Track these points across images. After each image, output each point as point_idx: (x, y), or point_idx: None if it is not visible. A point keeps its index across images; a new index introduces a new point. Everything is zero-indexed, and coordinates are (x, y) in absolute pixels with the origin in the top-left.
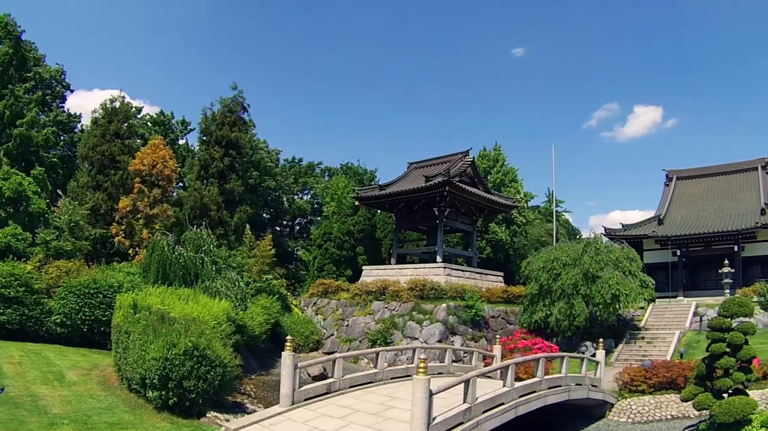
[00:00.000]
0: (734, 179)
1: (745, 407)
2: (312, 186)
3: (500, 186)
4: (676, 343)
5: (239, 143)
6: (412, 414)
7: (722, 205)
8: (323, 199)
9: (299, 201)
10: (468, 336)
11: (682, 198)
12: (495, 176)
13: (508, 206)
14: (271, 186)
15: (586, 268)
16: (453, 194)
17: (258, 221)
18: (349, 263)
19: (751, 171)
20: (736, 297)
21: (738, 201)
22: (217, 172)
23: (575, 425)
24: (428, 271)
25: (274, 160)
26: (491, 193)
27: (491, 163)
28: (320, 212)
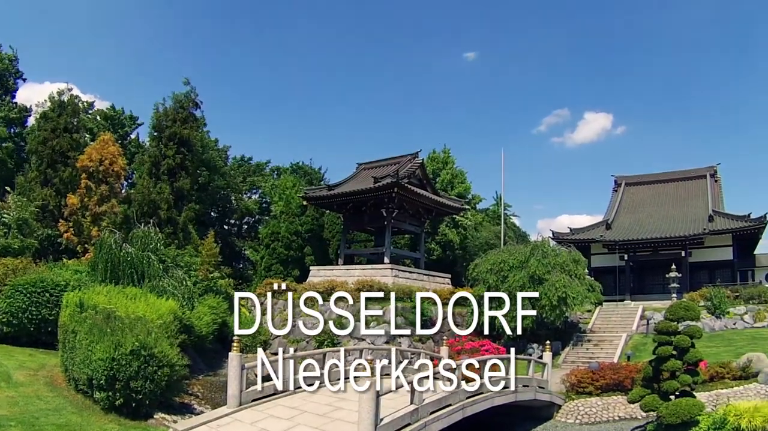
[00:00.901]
0: (683, 186)
1: (692, 408)
2: (260, 185)
3: (449, 188)
4: (623, 346)
5: (190, 141)
6: (360, 415)
7: (670, 211)
8: (271, 198)
9: (247, 200)
10: (415, 337)
11: (631, 204)
12: (444, 178)
13: (456, 209)
14: (220, 185)
15: (533, 271)
16: (401, 195)
17: (206, 220)
18: (297, 263)
19: (700, 179)
20: (682, 301)
21: (686, 208)
22: (167, 169)
23: (523, 426)
24: (376, 272)
25: (224, 158)
26: (440, 195)
27: (440, 165)
28: (268, 212)
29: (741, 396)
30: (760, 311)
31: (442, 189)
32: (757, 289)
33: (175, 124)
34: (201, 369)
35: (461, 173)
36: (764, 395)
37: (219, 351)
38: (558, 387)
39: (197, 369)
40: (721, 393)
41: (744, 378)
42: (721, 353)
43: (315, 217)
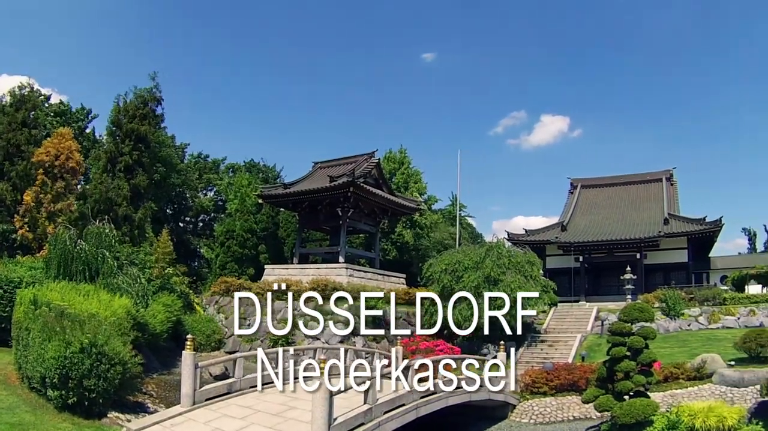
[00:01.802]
0: (639, 190)
1: (647, 408)
2: (216, 183)
3: (404, 189)
4: (577, 346)
5: (148, 138)
6: (313, 414)
7: (626, 214)
8: (227, 196)
9: (203, 198)
10: (369, 337)
11: (586, 206)
12: (399, 178)
13: (411, 209)
14: (176, 182)
15: (488, 272)
16: (357, 194)
17: (162, 218)
18: (252, 261)
19: (656, 182)
20: (636, 303)
21: (642, 211)
22: (124, 166)
23: (478, 426)
24: (330, 271)
25: (181, 155)
26: (395, 195)
27: (396, 165)
28: (224, 210)
29: (695, 397)
30: (714, 312)
31: (397, 189)
32: (712, 291)
33: (135, 120)
34: (155, 367)
35: (417, 174)
36: (718, 395)
37: (173, 349)
38: (512, 387)
39: (151, 368)
40: (676, 393)
41: (698, 378)
42: (676, 354)
43: (270, 215)
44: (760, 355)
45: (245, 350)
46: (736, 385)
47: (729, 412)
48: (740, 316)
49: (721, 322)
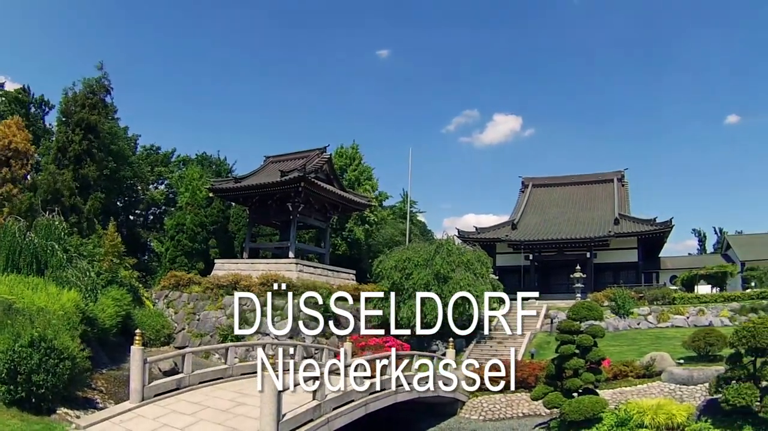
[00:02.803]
0: (590, 190)
1: (595, 406)
2: (168, 176)
3: (356, 185)
4: (527, 344)
5: (98, 127)
6: (261, 410)
7: (577, 213)
8: (178, 189)
9: (154, 191)
10: (319, 332)
11: (537, 205)
12: (351, 174)
13: (362, 205)
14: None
15: (438, 269)
16: (308, 190)
17: (111, 210)
18: (202, 256)
19: (607, 183)
20: (585, 301)
21: (592, 211)
22: (74, 156)
23: (428, 422)
24: (280, 266)
25: (132, 147)
26: (346, 191)
27: (348, 161)
28: (175, 203)
29: (645, 394)
30: (663, 312)
31: (349, 185)
32: (661, 291)
33: (84, 109)
34: (104, 362)
35: (368, 169)
36: (668, 393)
37: (123, 344)
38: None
39: (101, 363)
40: (625, 390)
41: (648, 376)
42: (625, 352)
43: (221, 209)
44: (709, 354)
45: (194, 345)
46: (685, 383)
47: (678, 409)
48: (689, 315)
49: (671, 321)
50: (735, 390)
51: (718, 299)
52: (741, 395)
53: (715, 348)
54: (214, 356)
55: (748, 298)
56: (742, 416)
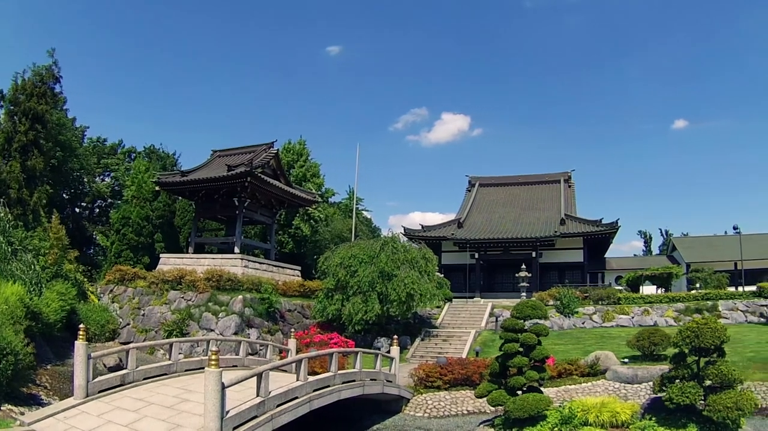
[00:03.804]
0: (537, 190)
1: (539, 403)
2: (114, 168)
3: (302, 181)
4: (471, 341)
5: (45, 117)
6: (205, 407)
7: (523, 213)
8: (124, 182)
9: (100, 183)
10: (264, 329)
11: (484, 204)
12: (298, 170)
13: (308, 201)
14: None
15: (383, 266)
16: (254, 185)
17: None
18: (147, 250)
19: (554, 183)
20: (529, 300)
21: (539, 211)
22: (20, 146)
23: (372, 419)
24: (225, 261)
25: (80, 138)
26: (293, 187)
27: (295, 156)
28: (121, 196)
29: (589, 392)
30: (608, 311)
31: (296, 181)
32: (606, 291)
33: (32, 98)
34: (49, 358)
35: (315, 166)
36: (612, 391)
37: (68, 339)
38: (406, 381)
39: (45, 358)
40: (570, 389)
41: (592, 374)
42: (570, 350)
43: (167, 203)
44: (653, 353)
45: (139, 340)
46: (630, 382)
47: (622, 408)
48: (634, 315)
49: (615, 321)
50: (679, 389)
51: (663, 299)
52: (685, 394)
53: (660, 348)
54: (159, 352)
55: (692, 299)
56: (687, 414)
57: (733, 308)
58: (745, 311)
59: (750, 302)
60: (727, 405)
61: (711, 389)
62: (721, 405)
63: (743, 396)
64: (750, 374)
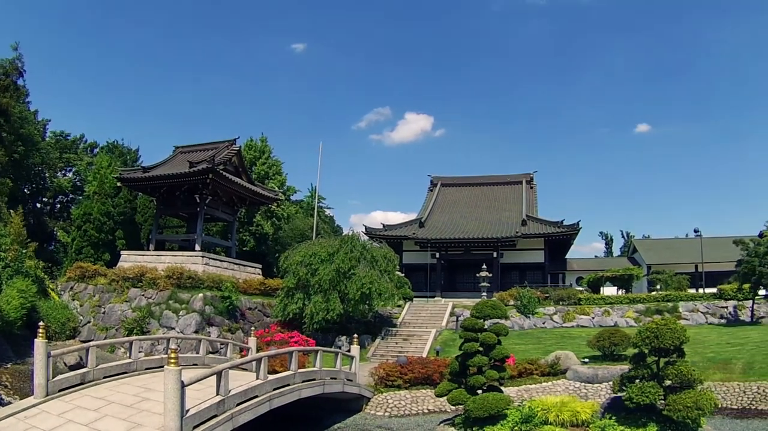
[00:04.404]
0: (498, 191)
1: (499, 402)
2: (76, 163)
3: (265, 178)
4: (432, 341)
5: (8, 111)
6: (165, 405)
7: (484, 213)
8: (86, 177)
9: (62, 179)
10: (224, 327)
11: (445, 204)
12: (260, 167)
13: (270, 199)
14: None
15: (342, 264)
16: (216, 182)
17: (19, 197)
18: (108, 246)
19: (516, 185)
20: (489, 300)
21: (500, 211)
22: None
23: (333, 418)
24: (186, 259)
25: (41, 132)
26: (255, 184)
27: (257, 154)
28: (82, 191)
29: (549, 392)
30: (569, 312)
31: (258, 179)
32: (567, 291)
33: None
34: (9, 356)
35: (277, 164)
36: (573, 391)
37: (28, 337)
38: (367, 380)
39: (5, 357)
40: (530, 388)
41: (552, 374)
42: (530, 350)
43: (128, 199)
44: (613, 353)
45: (100, 339)
46: (590, 381)
47: (582, 407)
48: (595, 316)
49: (576, 321)
50: (639, 389)
51: (624, 300)
52: (645, 393)
53: (620, 348)
54: (119, 350)
55: (653, 300)
56: (647, 413)
57: (693, 309)
58: (705, 312)
59: (710, 303)
60: (687, 405)
61: (671, 389)
62: (681, 405)
63: (703, 396)
64: (710, 374)
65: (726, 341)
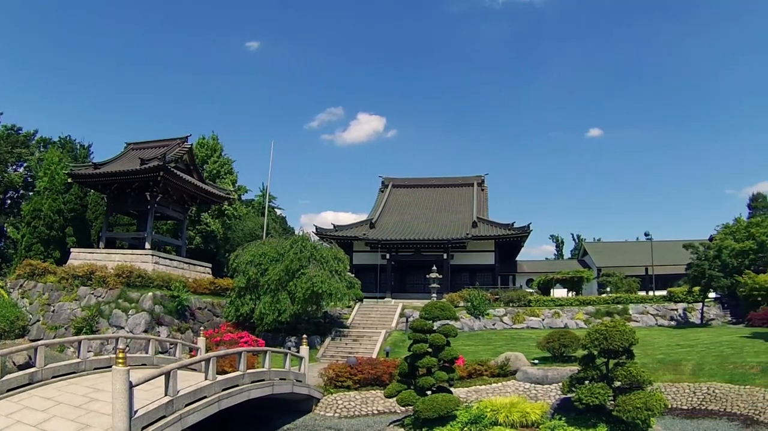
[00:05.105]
0: (450, 192)
1: (449, 404)
2: (27, 158)
3: (216, 177)
4: (382, 342)
5: None
6: (113, 406)
7: (435, 215)
8: (37, 173)
9: (12, 174)
10: (174, 327)
11: (396, 205)
12: (212, 166)
13: (221, 198)
14: None
15: (291, 264)
16: (167, 180)
17: None
18: (59, 244)
19: (467, 187)
20: (438, 301)
21: (451, 213)
22: None
23: (282, 419)
24: (136, 257)
25: None
26: (206, 183)
27: (209, 152)
28: (33, 187)
29: (499, 392)
30: (519, 313)
31: (209, 177)
32: (517, 293)
33: None
34: None
35: (229, 162)
36: (522, 392)
37: None
38: (317, 381)
39: None
40: (480, 389)
41: (502, 375)
42: (480, 351)
43: (79, 196)
44: (563, 354)
45: (49, 338)
46: (540, 382)
47: (532, 408)
48: (545, 317)
49: (526, 322)
50: (588, 390)
51: (574, 302)
52: (594, 394)
53: (570, 349)
54: (69, 349)
55: (603, 302)
56: (596, 414)
57: (643, 311)
58: (655, 314)
59: (660, 306)
60: (637, 406)
61: (620, 390)
62: (630, 406)
63: (653, 397)
64: (660, 375)
65: (676, 342)
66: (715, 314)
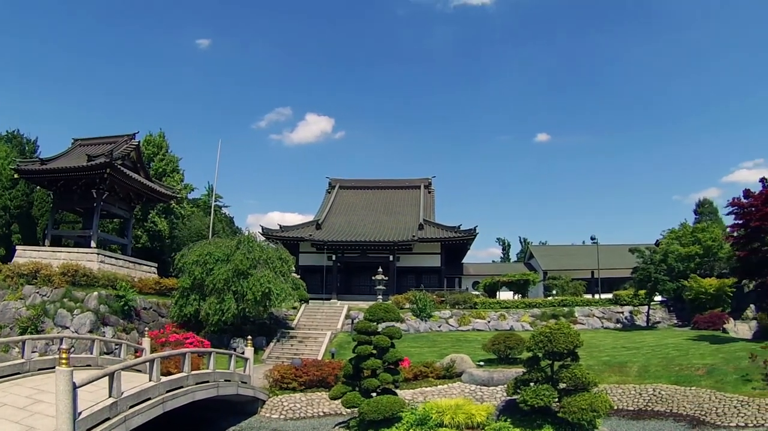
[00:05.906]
0: (396, 195)
1: (393, 405)
2: None
3: (162, 175)
4: (327, 343)
5: None
6: (57, 408)
7: (382, 217)
8: None
9: None
10: (119, 327)
11: (343, 206)
12: (158, 164)
13: (167, 196)
14: None
15: (238, 265)
16: (114, 177)
17: None
18: (4, 241)
19: (414, 189)
20: (383, 303)
21: (398, 215)
22: None
23: (228, 421)
24: (82, 256)
25: None
26: (152, 181)
27: (155, 149)
28: None
29: (445, 394)
30: (465, 315)
31: (155, 175)
32: (463, 295)
33: None
34: None
35: (175, 160)
36: (468, 394)
37: None
38: (262, 383)
39: None
40: (426, 391)
41: (448, 377)
42: (426, 353)
43: (26, 192)
44: (509, 356)
45: None
46: (486, 384)
47: (478, 409)
48: (490, 320)
49: (472, 325)
50: (533, 392)
51: (520, 305)
52: (539, 396)
53: (516, 351)
54: (14, 349)
55: (549, 305)
56: (542, 416)
57: (589, 314)
58: (601, 317)
59: (606, 308)
60: (582, 407)
61: (566, 391)
62: (575, 407)
63: (598, 398)
64: (606, 377)
65: (622, 345)
66: (661, 317)
